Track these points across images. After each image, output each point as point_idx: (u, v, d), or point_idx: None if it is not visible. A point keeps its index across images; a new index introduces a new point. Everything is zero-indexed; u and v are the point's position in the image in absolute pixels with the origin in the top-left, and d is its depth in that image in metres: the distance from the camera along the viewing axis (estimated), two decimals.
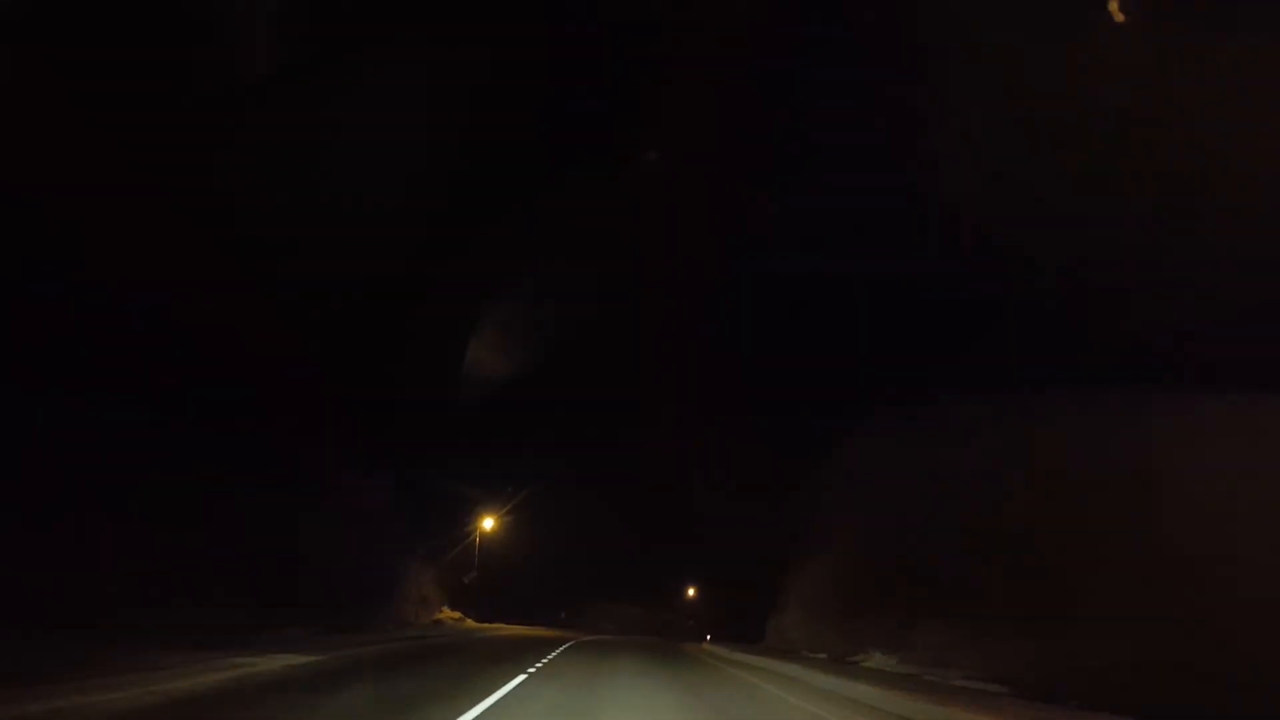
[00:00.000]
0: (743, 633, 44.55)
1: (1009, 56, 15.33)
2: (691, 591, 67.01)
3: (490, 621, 39.41)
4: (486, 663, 16.87)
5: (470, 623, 36.71)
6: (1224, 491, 12.74)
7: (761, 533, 42.49)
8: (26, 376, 14.06)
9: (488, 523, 40.37)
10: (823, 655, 23.81)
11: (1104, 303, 15.69)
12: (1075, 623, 15.49)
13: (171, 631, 15.36)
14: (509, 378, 38.37)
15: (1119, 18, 13.42)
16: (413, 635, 24.99)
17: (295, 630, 20.44)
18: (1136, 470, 14.57)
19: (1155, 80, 13.49)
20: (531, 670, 14.92)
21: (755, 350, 38.58)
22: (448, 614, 35.99)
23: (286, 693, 10.50)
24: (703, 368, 43.23)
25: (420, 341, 33.27)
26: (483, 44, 21.94)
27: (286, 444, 25.29)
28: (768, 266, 32.76)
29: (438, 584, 36.64)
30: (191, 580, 18.98)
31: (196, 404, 19.48)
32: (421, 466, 34.91)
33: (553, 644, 26.42)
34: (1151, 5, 13.20)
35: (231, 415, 21.56)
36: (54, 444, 14.93)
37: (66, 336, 14.81)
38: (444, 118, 23.56)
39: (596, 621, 56.84)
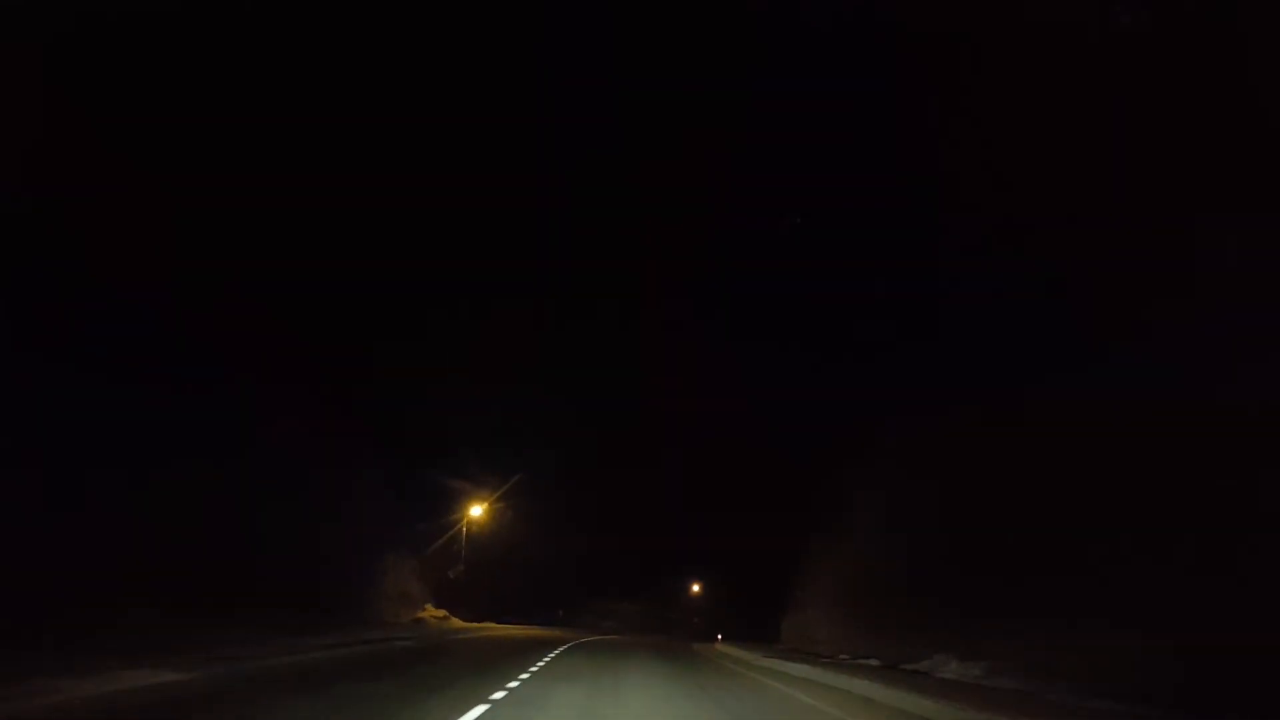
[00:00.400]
0: (754, 632, 40.84)
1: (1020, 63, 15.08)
2: (696, 588, 62.03)
3: (480, 621, 34.14)
4: (452, 677, 11.95)
5: (457, 622, 31.47)
6: None
7: (775, 524, 38.74)
8: None
9: (476, 510, 35.08)
10: (873, 661, 18.66)
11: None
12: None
13: (78, 634, 11.38)
14: (509, 365, 34.15)
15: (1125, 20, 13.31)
16: (380, 637, 19.87)
17: (233, 633, 15.45)
18: None
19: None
20: (503, 692, 9.80)
21: (764, 340, 37.35)
22: (431, 612, 30.76)
23: None
24: (709, 357, 40.69)
25: (412, 323, 29.40)
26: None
27: (243, 415, 20.42)
28: (777, 261, 31.81)
29: (421, 579, 31.44)
30: (114, 571, 14.62)
31: (135, 361, 16.21)
32: (407, 450, 29.96)
33: (547, 646, 21.30)
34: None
35: (177, 376, 17.62)
36: None
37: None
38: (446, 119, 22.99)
39: (597, 620, 51.55)
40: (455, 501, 34.09)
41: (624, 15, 21.70)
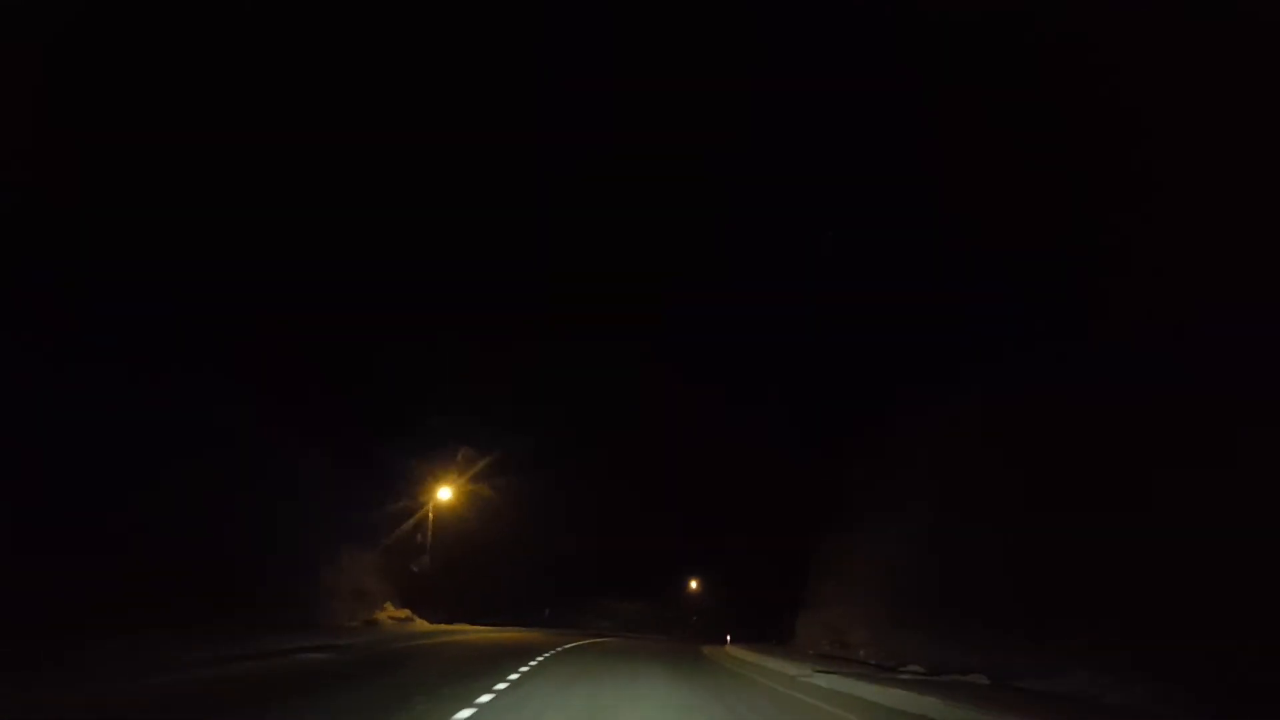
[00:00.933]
0: (760, 631, 36.71)
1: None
2: (694, 585, 55.93)
3: (453, 622, 27.90)
4: None
5: (422, 624, 25.33)
6: None
7: (781, 521, 35.60)
8: None
9: (444, 493, 28.83)
10: (979, 678, 12.71)
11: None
12: None
13: None
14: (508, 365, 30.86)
15: None
16: (298, 646, 13.94)
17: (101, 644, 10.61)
18: None
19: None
20: None
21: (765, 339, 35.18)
22: (390, 613, 24.66)
23: None
24: (710, 355, 39.66)
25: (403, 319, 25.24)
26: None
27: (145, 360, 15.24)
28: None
29: (381, 574, 25.28)
30: None
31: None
32: (365, 421, 23.95)
33: (523, 655, 15.43)
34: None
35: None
36: None
37: None
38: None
39: (589, 620, 45.41)
40: (425, 485, 28.01)
41: (624, 15, 20.29)
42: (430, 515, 27.52)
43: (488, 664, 13.35)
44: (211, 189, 16.39)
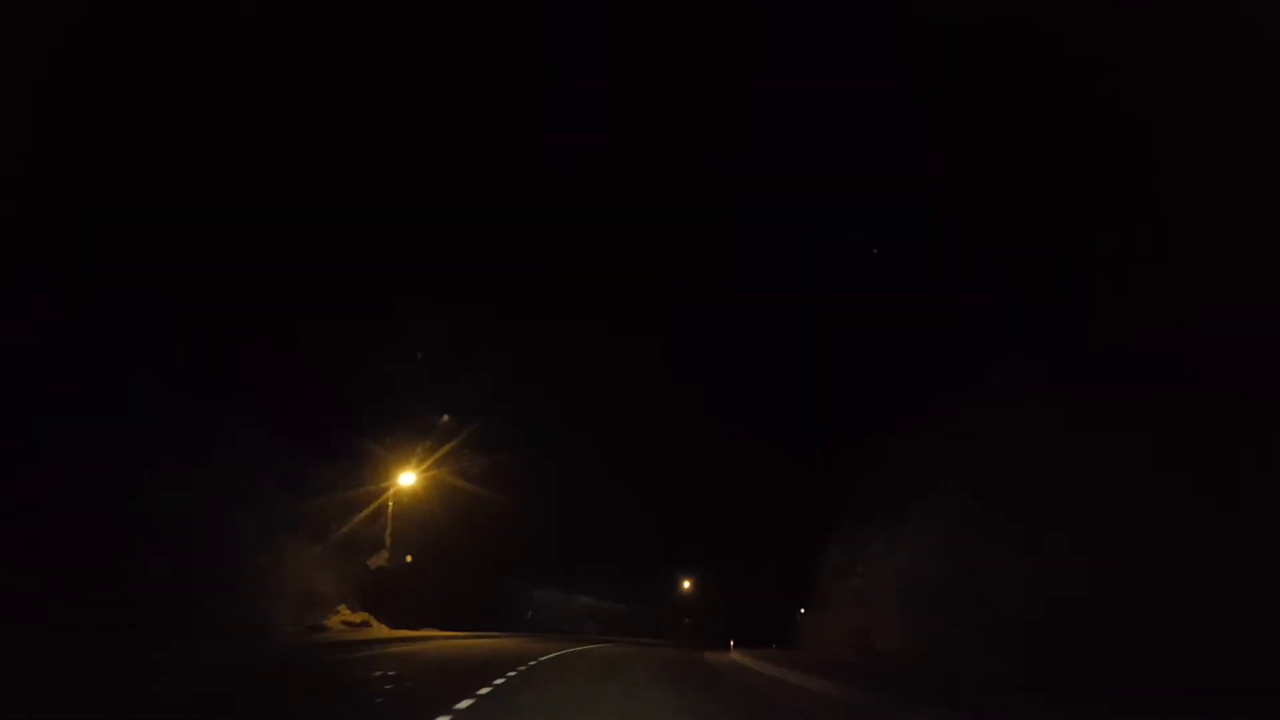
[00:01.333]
0: (763, 634, 37.01)
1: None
2: (686, 585, 54.26)
3: (418, 627, 25.86)
4: None
5: (380, 630, 23.42)
6: None
7: (784, 519, 35.22)
8: None
9: (407, 478, 26.70)
10: None
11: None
12: None
13: None
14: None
15: None
16: (183, 664, 11.97)
17: None
18: None
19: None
20: None
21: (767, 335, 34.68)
22: (344, 617, 22.80)
23: None
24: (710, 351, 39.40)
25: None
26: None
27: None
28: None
29: (335, 571, 23.33)
30: None
31: None
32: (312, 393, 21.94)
33: (480, 677, 12.90)
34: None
35: None
36: None
37: None
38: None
39: (575, 624, 43.63)
40: (389, 470, 26.02)
41: (624, 15, 20.23)
42: (391, 504, 25.44)
43: (462, 676, 10.62)
44: (211, 189, 16.07)
